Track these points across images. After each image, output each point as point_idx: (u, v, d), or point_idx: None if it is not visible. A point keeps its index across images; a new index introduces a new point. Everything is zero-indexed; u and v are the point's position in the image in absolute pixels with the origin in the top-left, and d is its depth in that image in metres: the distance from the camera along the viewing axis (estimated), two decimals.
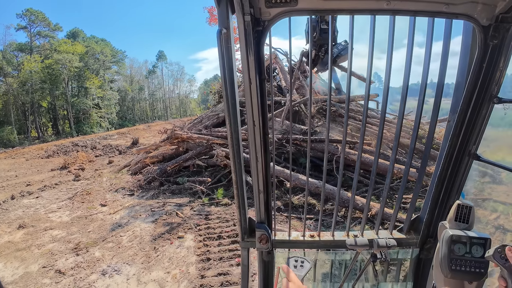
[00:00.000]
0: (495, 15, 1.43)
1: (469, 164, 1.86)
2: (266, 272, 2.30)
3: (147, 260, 6.35)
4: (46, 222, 8.58)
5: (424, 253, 2.15)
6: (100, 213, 9.02)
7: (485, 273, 1.51)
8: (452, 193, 1.96)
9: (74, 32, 54.03)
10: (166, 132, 14.94)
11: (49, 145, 24.08)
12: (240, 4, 1.33)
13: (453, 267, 1.53)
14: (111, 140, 25.11)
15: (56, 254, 6.80)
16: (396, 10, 1.47)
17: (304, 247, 2.31)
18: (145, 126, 36.41)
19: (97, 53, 50.76)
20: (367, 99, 2.02)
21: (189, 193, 10.32)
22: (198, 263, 6.22)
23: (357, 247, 1.94)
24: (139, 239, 7.28)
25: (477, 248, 1.53)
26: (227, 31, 1.39)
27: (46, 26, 47.59)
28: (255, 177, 1.93)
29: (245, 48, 1.47)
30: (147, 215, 8.72)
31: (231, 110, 1.56)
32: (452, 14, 1.46)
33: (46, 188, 11.81)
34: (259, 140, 1.78)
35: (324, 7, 1.45)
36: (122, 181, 11.98)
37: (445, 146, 1.86)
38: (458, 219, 1.65)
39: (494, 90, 1.62)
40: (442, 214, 2.02)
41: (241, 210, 1.97)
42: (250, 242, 2.15)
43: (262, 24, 1.49)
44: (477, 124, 1.73)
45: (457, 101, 1.74)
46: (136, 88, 64.23)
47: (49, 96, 44.57)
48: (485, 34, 1.49)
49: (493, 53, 1.53)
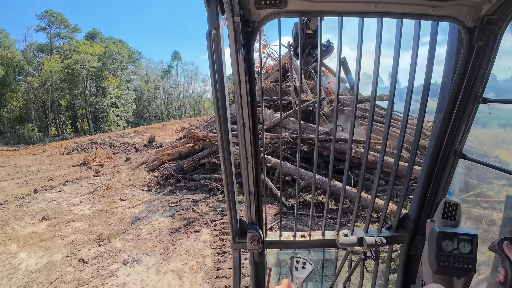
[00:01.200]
0: (481, 17, 1.47)
1: (455, 163, 1.89)
2: (258, 273, 2.30)
3: (166, 252, 6.60)
4: (69, 215, 8.93)
5: (413, 250, 2.18)
6: (120, 207, 9.36)
7: (473, 268, 1.56)
8: (439, 191, 1.99)
9: (93, 33, 55.35)
10: (183, 131, 15.25)
11: (68, 142, 24.77)
12: (229, 5, 1.33)
13: (441, 263, 1.58)
14: (128, 138, 25.68)
15: (79, 244, 7.09)
16: (383, 13, 1.50)
17: (295, 247, 2.31)
18: (160, 125, 36.99)
19: (114, 53, 51.90)
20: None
21: (204, 189, 10.56)
22: (214, 256, 6.43)
23: (348, 245, 1.95)
24: (157, 232, 7.55)
25: (465, 244, 1.58)
26: (217, 32, 1.39)
27: (65, 28, 48.91)
28: (246, 178, 1.92)
29: (234, 49, 1.48)
30: (165, 210, 9.00)
31: (221, 111, 1.56)
32: (438, 17, 1.48)
33: (67, 183, 12.23)
34: (249, 141, 1.77)
35: (313, 9, 1.46)
36: (139, 177, 12.34)
37: (431, 145, 1.88)
38: (445, 216, 1.71)
39: (479, 91, 1.64)
40: (429, 212, 2.05)
41: (232, 211, 1.97)
42: (242, 243, 2.14)
43: (252, 25, 1.49)
44: (462, 124, 1.75)
45: (442, 101, 1.77)
46: (152, 88, 65.47)
47: (68, 95, 45.82)
48: (471, 36, 1.52)
49: (478, 54, 1.56)
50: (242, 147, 1.79)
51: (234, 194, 1.94)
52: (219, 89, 1.48)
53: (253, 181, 1.93)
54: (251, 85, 1.63)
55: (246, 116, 1.68)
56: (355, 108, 2.00)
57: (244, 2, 1.41)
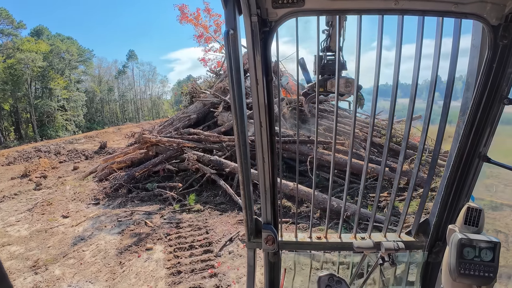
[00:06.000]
0: (505, 14, 1.41)
1: (479, 167, 1.85)
2: (272, 273, 2.30)
3: (112, 277, 5.91)
4: (4, 237, 7.90)
5: (433, 257, 2.16)
6: (61, 226, 8.40)
7: (494, 277, 1.50)
8: (462, 196, 1.96)
9: (38, 30, 51.30)
10: (134, 136, 14.32)
11: (10, 151, 22.50)
12: (247, 5, 1.34)
13: (462, 271, 1.52)
14: (78, 145, 23.87)
15: (14, 273, 6.24)
16: (404, 10, 1.46)
17: (311, 249, 2.32)
18: (115, 129, 34.96)
19: (62, 52, 48.33)
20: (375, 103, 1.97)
21: (159, 199, 9.87)
22: (168, 277, 5.87)
23: (364, 249, 1.95)
24: (103, 254, 6.80)
25: (487, 252, 1.52)
26: (235, 32, 1.40)
27: (9, 24, 44.82)
28: (262, 178, 1.93)
29: (252, 49, 1.48)
30: (113, 226, 8.21)
31: (238, 111, 1.55)
32: (461, 14, 1.45)
33: (4, 199, 10.92)
34: (266, 141, 1.78)
35: (332, 7, 1.45)
36: (87, 189, 11.29)
37: (454, 148, 1.85)
38: (468, 222, 1.64)
39: (504, 91, 1.59)
40: (451, 217, 2.04)
41: (248, 210, 1.97)
42: (256, 243, 2.15)
43: (269, 25, 1.49)
44: (487, 126, 1.71)
45: (466, 102, 1.74)
46: (105, 89, 61.87)
47: (11, 98, 42.05)
48: (495, 34, 1.47)
49: (503, 53, 1.50)
50: (258, 147, 1.81)
51: (250, 193, 1.93)
52: (236, 89, 1.49)
53: (269, 181, 1.94)
54: (268, 85, 1.63)
55: (264, 116, 1.69)
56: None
57: (261, 1, 1.41)
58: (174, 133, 12.48)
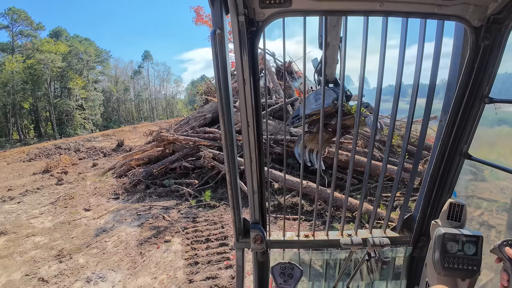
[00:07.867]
0: (487, 16, 1.45)
1: (461, 163, 1.90)
2: (261, 272, 2.31)
3: (133, 266, 6.21)
4: (28, 228, 8.30)
5: (417, 251, 2.19)
6: (83, 218, 8.79)
7: (477, 270, 1.53)
8: (444, 192, 2.00)
9: (57, 31, 52.69)
10: (152, 134, 14.71)
11: (31, 148, 23.33)
12: (234, 5, 1.34)
13: (446, 264, 1.55)
14: (96, 142, 24.57)
15: (39, 261, 6.57)
16: (388, 12, 1.48)
17: (299, 247, 2.33)
18: (130, 128, 35.75)
19: (80, 52, 49.41)
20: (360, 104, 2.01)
21: (176, 195, 10.17)
22: (186, 267, 6.12)
23: (351, 246, 1.95)
24: (124, 244, 7.12)
25: (470, 245, 1.55)
26: (221, 32, 1.40)
27: (28, 25, 46.14)
28: (249, 177, 1.93)
29: (239, 49, 1.48)
30: (133, 219, 8.54)
31: (225, 110, 1.55)
32: (444, 16, 1.48)
33: (27, 193, 11.41)
34: (253, 141, 1.78)
35: (318, 8, 1.45)
36: (106, 185, 11.71)
37: (437, 145, 1.89)
38: (450, 217, 1.68)
39: (485, 90, 1.64)
40: (434, 213, 2.06)
41: (236, 211, 1.97)
42: (245, 243, 2.16)
43: (256, 25, 1.49)
44: (468, 124, 1.76)
45: (448, 101, 1.77)
46: (122, 89, 63.09)
47: (31, 97, 43.24)
48: (477, 35, 1.51)
49: (484, 54, 1.55)
50: (246, 147, 1.80)
51: (238, 193, 1.94)
52: (223, 88, 1.48)
53: (257, 181, 1.94)
54: (255, 84, 1.63)
55: (250, 115, 1.69)
56: (359, 106, 1.95)
57: (249, 1, 1.41)
58: (190, 132, 12.80)
